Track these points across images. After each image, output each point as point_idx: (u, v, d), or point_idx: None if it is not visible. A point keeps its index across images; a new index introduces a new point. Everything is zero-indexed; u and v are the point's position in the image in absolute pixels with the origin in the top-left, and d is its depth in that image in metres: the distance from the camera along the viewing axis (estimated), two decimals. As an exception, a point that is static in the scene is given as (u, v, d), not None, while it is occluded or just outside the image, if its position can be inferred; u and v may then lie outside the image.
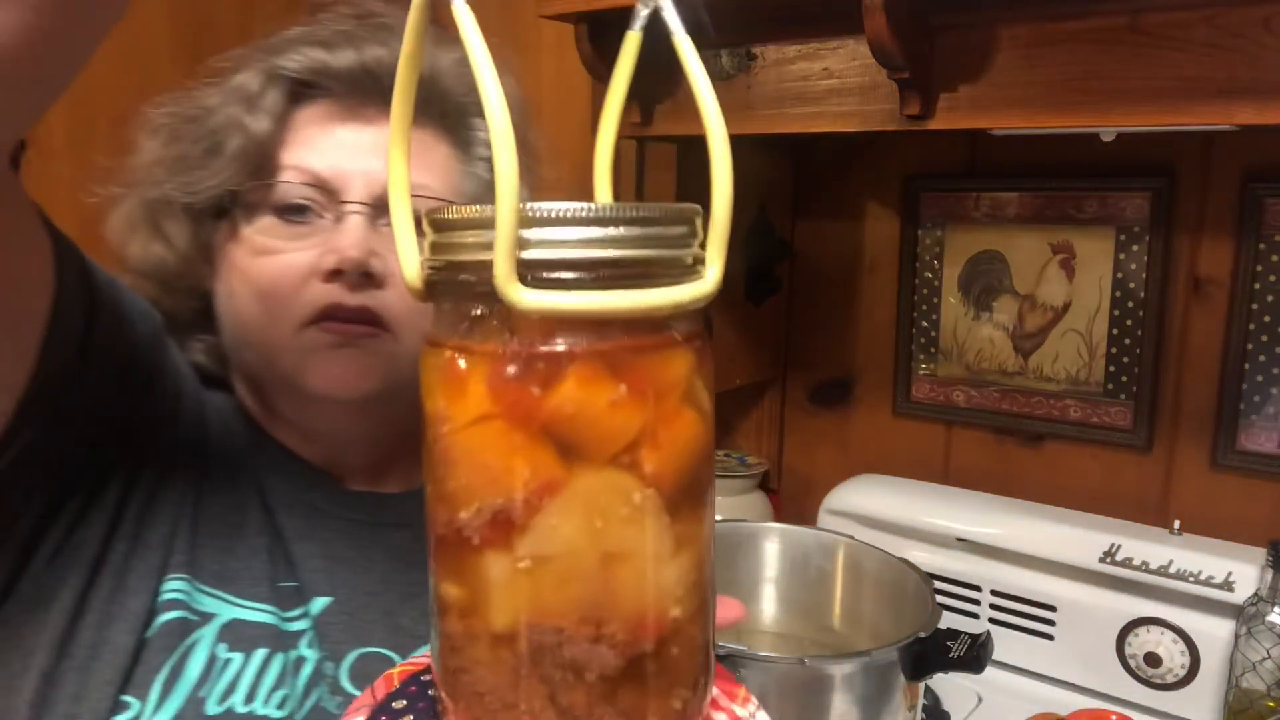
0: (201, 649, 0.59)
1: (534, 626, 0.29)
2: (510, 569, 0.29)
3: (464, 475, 0.30)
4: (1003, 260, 1.31)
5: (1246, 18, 0.79)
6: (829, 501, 1.35)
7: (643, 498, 0.30)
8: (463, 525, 0.30)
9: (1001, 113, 0.91)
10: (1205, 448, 1.20)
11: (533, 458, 0.29)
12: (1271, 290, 1.14)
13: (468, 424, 0.30)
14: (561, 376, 0.29)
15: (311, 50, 0.66)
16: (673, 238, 0.31)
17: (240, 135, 0.64)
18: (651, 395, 0.30)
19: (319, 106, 0.66)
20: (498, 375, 0.29)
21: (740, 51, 1.04)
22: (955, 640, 0.93)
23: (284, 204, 0.64)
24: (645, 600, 0.30)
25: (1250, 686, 1.02)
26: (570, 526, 0.29)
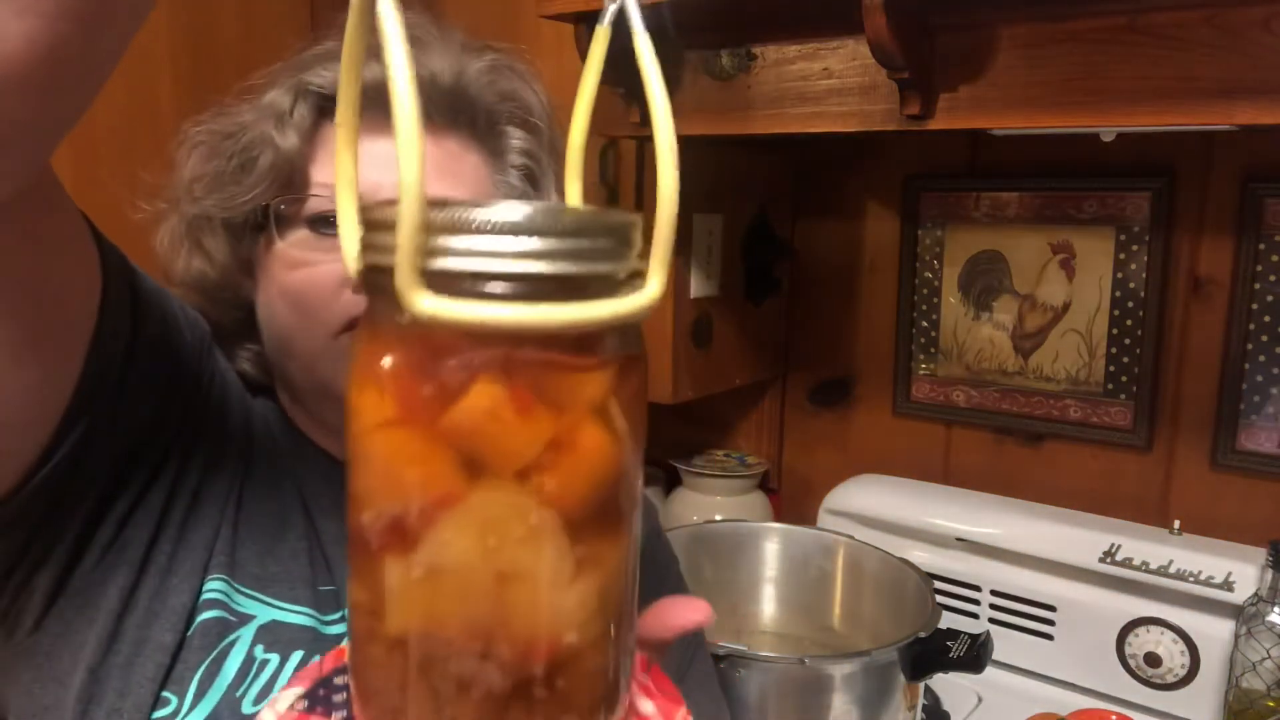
0: (239, 649, 0.60)
1: (424, 636, 0.29)
2: (405, 577, 0.29)
3: (366, 478, 0.29)
4: (1003, 260, 1.31)
5: (1246, 18, 0.79)
6: (829, 501, 1.35)
7: (539, 519, 0.29)
8: (364, 527, 0.29)
9: (1001, 113, 0.91)
10: (1205, 448, 1.20)
11: (430, 469, 0.28)
12: (1271, 290, 1.14)
13: (373, 427, 0.29)
14: (465, 388, 0.28)
15: (338, 66, 0.66)
16: (599, 251, 0.29)
17: (271, 151, 0.65)
18: (558, 414, 0.29)
19: None
20: (402, 381, 0.28)
21: (740, 51, 1.04)
22: (955, 640, 0.93)
23: (315, 216, 0.65)
24: (537, 623, 0.30)
25: (1250, 686, 1.02)
26: (464, 541, 0.28)
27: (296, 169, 0.65)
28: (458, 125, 0.69)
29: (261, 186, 0.65)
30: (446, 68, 0.67)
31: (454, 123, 0.68)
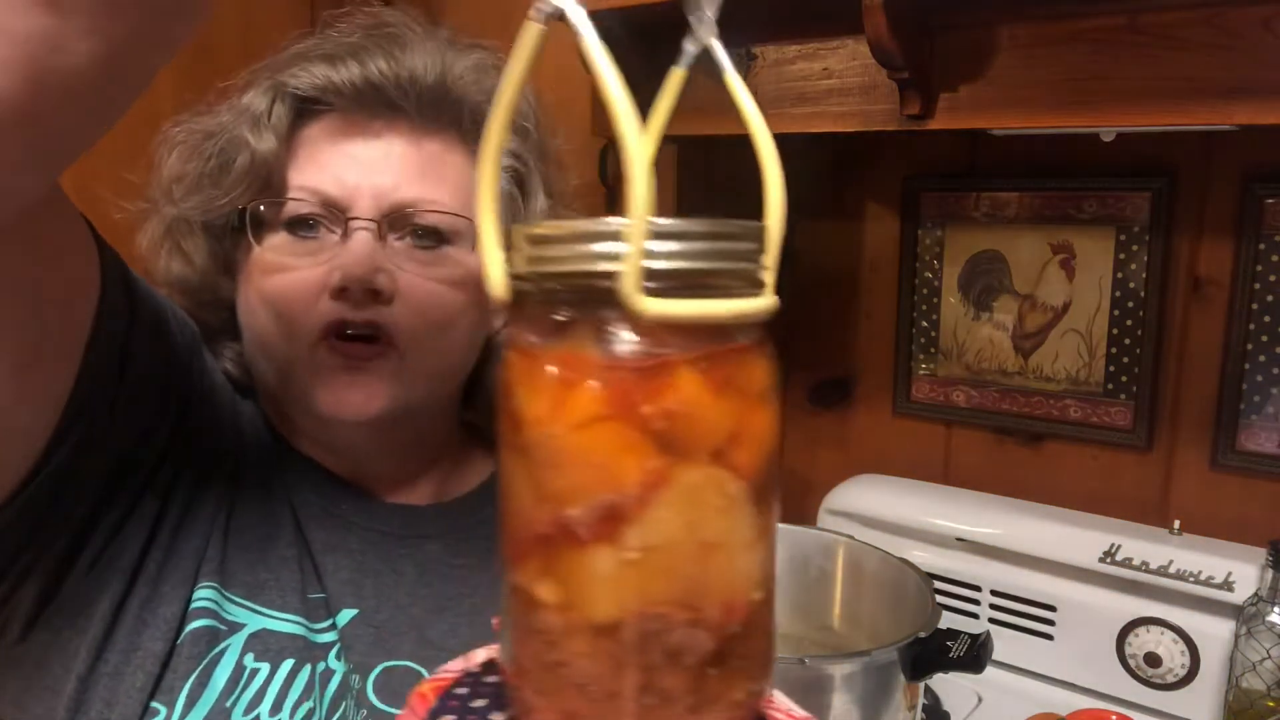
0: (229, 658, 0.60)
1: (639, 615, 0.31)
2: (618, 561, 0.31)
3: (574, 474, 0.31)
4: (1003, 260, 1.31)
5: (1246, 18, 0.79)
6: (829, 501, 1.35)
7: (734, 489, 0.32)
8: (571, 521, 0.31)
9: (1001, 113, 0.91)
10: (1205, 448, 1.20)
11: (642, 455, 0.31)
12: (1271, 290, 1.14)
13: (579, 425, 0.31)
14: (669, 379, 0.31)
15: (316, 66, 0.66)
16: (753, 252, 0.34)
17: (247, 154, 0.64)
18: (741, 395, 0.32)
19: (325, 122, 0.66)
20: (611, 378, 0.31)
21: (740, 51, 1.04)
22: (955, 640, 0.93)
23: (294, 220, 0.64)
24: (735, 585, 0.33)
25: (1250, 686, 1.02)
26: (675, 519, 0.31)
27: (274, 172, 0.65)
28: (441, 125, 0.68)
29: (239, 189, 0.64)
30: (430, 66, 0.67)
31: (436, 122, 0.68)
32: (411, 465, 0.74)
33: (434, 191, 0.66)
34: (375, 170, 0.65)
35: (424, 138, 0.67)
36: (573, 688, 0.32)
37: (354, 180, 0.64)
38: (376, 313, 0.63)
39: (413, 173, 0.66)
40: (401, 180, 0.65)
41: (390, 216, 0.64)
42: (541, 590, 0.32)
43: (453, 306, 0.67)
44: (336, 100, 0.66)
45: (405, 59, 0.66)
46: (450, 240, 0.67)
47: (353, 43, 0.67)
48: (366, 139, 0.66)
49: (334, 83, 0.65)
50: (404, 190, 0.65)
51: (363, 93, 0.65)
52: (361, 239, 0.63)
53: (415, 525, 0.72)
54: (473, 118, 0.70)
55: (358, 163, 0.65)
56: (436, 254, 0.66)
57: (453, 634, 0.69)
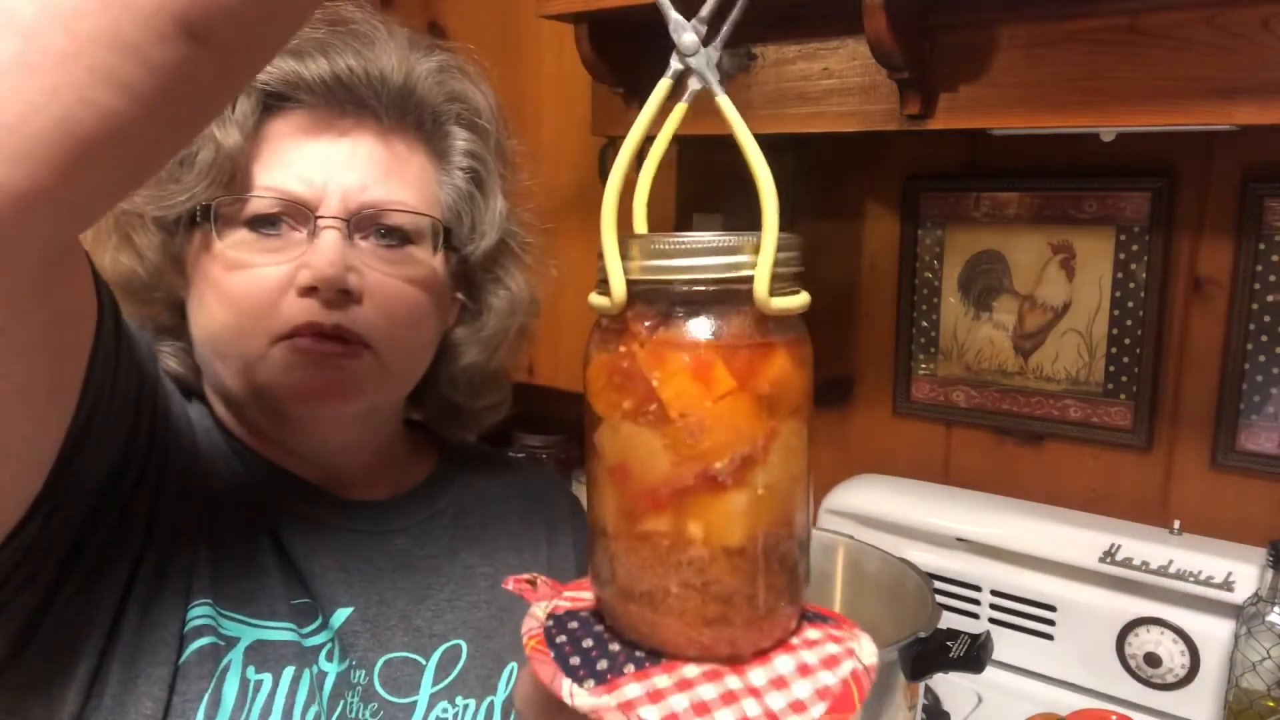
0: (234, 673, 0.59)
1: (766, 534, 0.42)
2: (752, 496, 0.41)
3: (720, 435, 0.40)
4: (1003, 260, 1.31)
5: (1246, 18, 0.79)
6: (829, 501, 1.35)
7: (805, 435, 0.43)
8: (718, 473, 0.40)
9: (1001, 113, 0.91)
10: (1205, 448, 1.20)
11: (762, 417, 0.41)
12: (1271, 290, 1.14)
13: (722, 395, 0.40)
14: (774, 358, 0.41)
15: (283, 60, 0.64)
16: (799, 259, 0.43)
17: (211, 148, 0.62)
18: (805, 367, 0.43)
19: (292, 118, 0.65)
20: (743, 358, 0.40)
21: (740, 51, 1.04)
22: (955, 640, 0.93)
23: (258, 217, 0.63)
24: (804, 505, 0.44)
25: (1250, 686, 1.02)
26: (783, 460, 0.42)
27: (238, 167, 0.63)
28: (405, 125, 0.67)
29: (201, 184, 0.63)
30: (395, 66, 0.66)
31: (402, 122, 0.67)
32: (371, 464, 0.74)
33: (400, 191, 0.66)
34: (343, 168, 0.64)
35: (390, 137, 0.66)
36: (715, 601, 0.41)
37: (321, 178, 0.63)
38: (347, 314, 0.62)
39: (380, 172, 0.65)
40: (370, 179, 0.64)
41: (357, 215, 0.64)
42: (691, 530, 0.41)
43: (419, 305, 0.67)
44: (304, 96, 0.65)
45: (374, 57, 0.65)
46: (414, 240, 0.66)
47: (319, 38, 0.66)
48: (334, 136, 0.65)
49: (302, 78, 0.64)
50: (372, 189, 0.64)
51: (331, 90, 0.64)
52: (330, 238, 0.62)
53: (381, 520, 0.72)
54: (435, 119, 0.69)
55: (325, 160, 0.64)
56: (401, 253, 0.66)
57: (438, 619, 0.70)
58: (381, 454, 0.75)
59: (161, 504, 0.61)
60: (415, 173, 0.68)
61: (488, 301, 0.75)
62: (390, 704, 0.65)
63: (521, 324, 0.77)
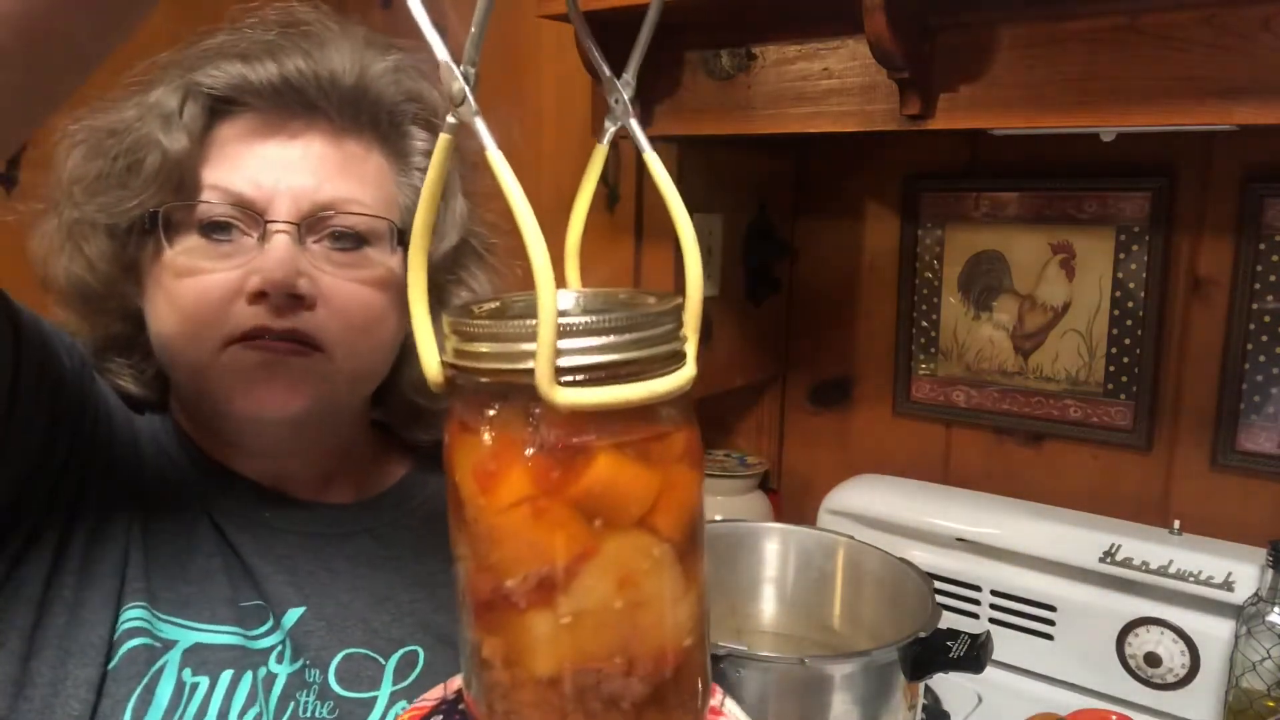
0: (168, 675, 0.59)
1: (576, 670, 0.35)
2: (554, 625, 0.34)
3: (509, 549, 0.34)
4: (1003, 260, 1.31)
5: (1246, 18, 0.79)
6: (829, 501, 1.35)
7: (660, 552, 0.35)
8: (509, 592, 0.34)
9: (1001, 113, 0.91)
10: (1205, 448, 1.20)
11: (569, 530, 0.34)
12: (1271, 290, 1.14)
13: (510, 505, 0.34)
14: (591, 461, 0.34)
15: (230, 65, 0.64)
16: (667, 333, 0.36)
17: (158, 154, 0.62)
18: (662, 465, 0.36)
19: (241, 122, 0.64)
20: (537, 463, 0.34)
21: (740, 51, 1.04)
22: (955, 640, 0.93)
23: (208, 223, 0.62)
24: (665, 636, 0.36)
25: (1250, 686, 1.02)
26: (604, 584, 0.34)
27: (186, 173, 0.62)
28: (359, 126, 0.66)
29: (149, 191, 0.62)
30: (349, 66, 0.65)
31: (355, 123, 0.66)
32: (329, 466, 0.73)
33: (354, 191, 0.65)
34: (294, 171, 0.63)
35: (343, 138, 0.66)
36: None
37: (271, 181, 0.62)
38: (298, 319, 0.61)
39: (333, 172, 0.64)
40: (322, 181, 0.63)
41: (309, 219, 0.63)
42: (489, 649, 0.36)
43: (376, 308, 0.66)
44: (252, 100, 0.64)
45: (324, 58, 0.64)
46: (369, 241, 0.65)
47: (269, 40, 0.65)
48: (284, 139, 0.64)
49: (250, 82, 0.63)
50: (324, 191, 0.63)
51: (280, 92, 0.64)
52: (280, 242, 0.61)
53: (340, 523, 0.71)
54: (391, 119, 0.68)
55: (275, 163, 0.63)
56: (356, 255, 0.65)
57: (396, 623, 0.69)
58: (343, 457, 0.74)
59: (84, 510, 0.60)
60: (371, 173, 0.67)
61: (449, 303, 0.73)
62: (347, 700, 0.64)
63: None
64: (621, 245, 1.29)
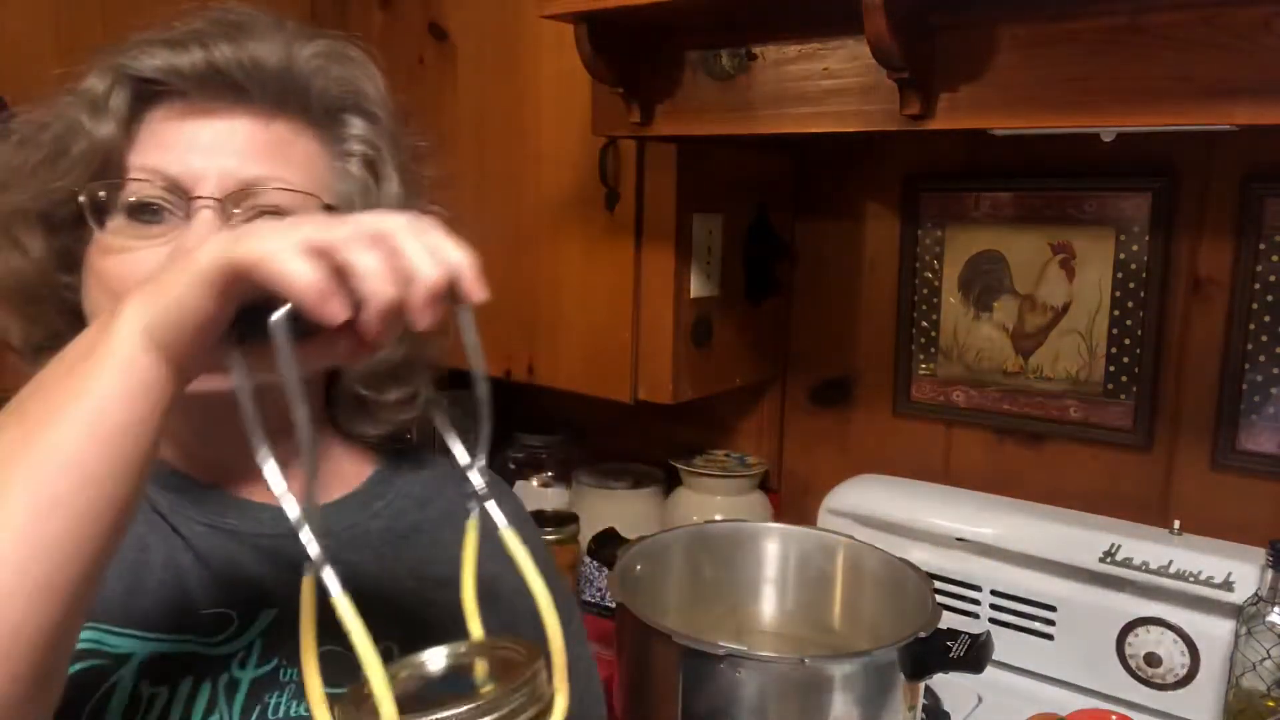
0: (121, 690, 0.58)
1: None
2: None
3: None
4: (1003, 260, 1.31)
5: (1246, 18, 0.79)
6: (829, 501, 1.35)
7: None
8: None
9: (1001, 113, 0.91)
10: (1205, 448, 1.20)
11: None
12: (1271, 290, 1.14)
13: None
14: None
15: (158, 50, 0.64)
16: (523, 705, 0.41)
17: (84, 139, 0.62)
18: None
19: (169, 107, 0.65)
20: None
21: (740, 51, 1.04)
22: (955, 640, 0.93)
23: (135, 204, 0.63)
24: None
25: (1250, 686, 1.02)
26: None
27: (112, 157, 0.63)
28: (287, 109, 0.67)
29: (74, 175, 0.63)
30: (273, 51, 0.66)
31: (282, 106, 0.66)
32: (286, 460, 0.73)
33: (280, 171, 0.65)
34: (220, 151, 0.64)
35: (271, 120, 0.66)
36: None
37: (199, 160, 0.63)
38: None
39: (259, 152, 0.65)
40: (247, 159, 0.64)
41: (235, 195, 0.63)
42: None
43: None
44: (179, 84, 0.64)
45: (250, 44, 0.65)
46: None
47: (197, 29, 0.66)
48: (210, 120, 0.64)
49: (176, 66, 0.63)
50: (250, 168, 0.64)
51: (206, 77, 0.64)
52: (204, 218, 0.61)
53: None
54: (321, 103, 0.68)
55: (202, 144, 0.64)
56: None
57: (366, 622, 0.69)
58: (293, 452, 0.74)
59: None
60: (298, 155, 0.67)
61: None
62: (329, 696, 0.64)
63: None
64: (621, 245, 1.29)
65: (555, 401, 1.53)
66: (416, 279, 0.44)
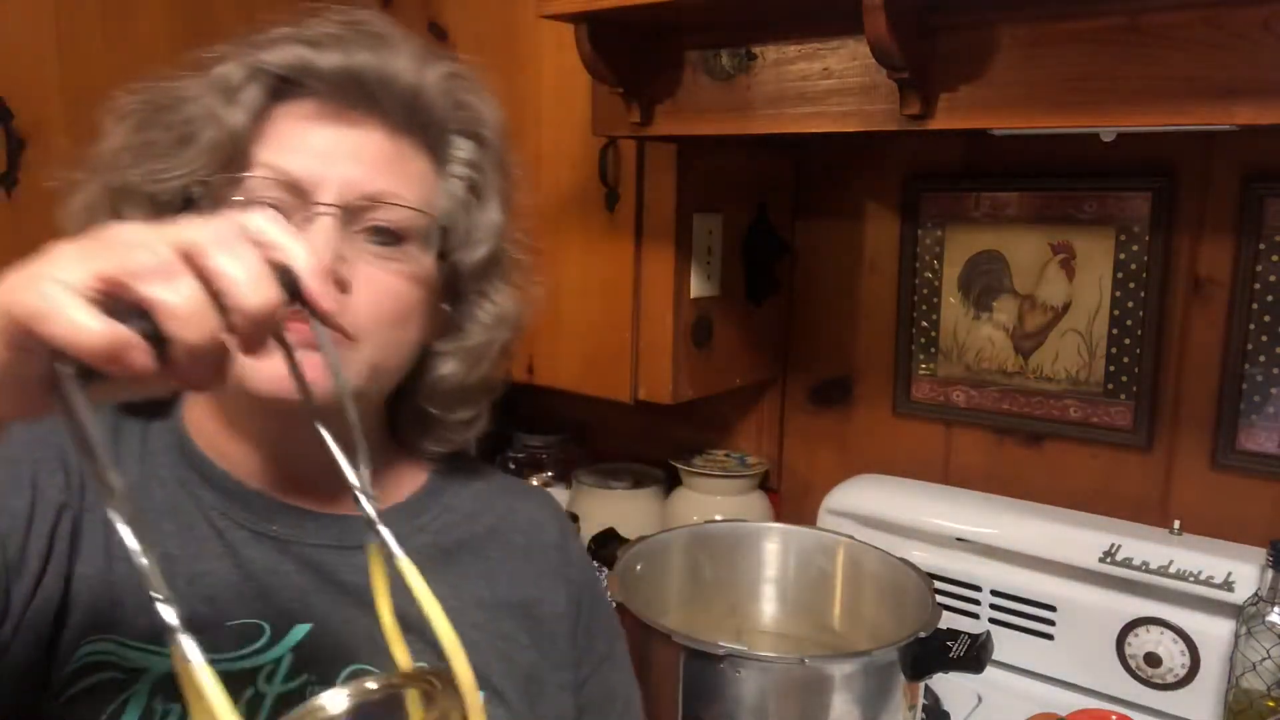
0: (135, 705, 0.58)
1: None
2: None
3: None
4: (1003, 260, 1.31)
5: (1246, 18, 0.79)
6: (829, 501, 1.35)
7: None
8: None
9: (1001, 113, 0.91)
10: (1205, 448, 1.20)
11: None
12: (1271, 290, 1.14)
13: None
14: None
15: (297, 48, 0.64)
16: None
17: (214, 127, 0.62)
18: None
19: (300, 105, 0.65)
20: None
21: (740, 51, 1.04)
22: (955, 640, 0.93)
23: (253, 201, 0.62)
24: None
25: (1250, 686, 1.02)
26: None
27: (239, 148, 0.63)
28: (411, 128, 0.67)
29: (199, 162, 0.62)
30: (408, 68, 0.66)
31: (408, 122, 0.67)
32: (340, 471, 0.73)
33: (400, 187, 0.65)
34: (346, 159, 0.64)
35: (396, 135, 0.66)
36: None
37: (322, 166, 0.63)
38: None
39: (383, 166, 0.65)
40: (371, 172, 0.64)
41: (355, 206, 0.63)
42: None
43: (406, 304, 0.66)
44: (314, 84, 0.64)
45: (388, 56, 0.65)
46: (408, 238, 0.66)
47: (334, 32, 0.66)
48: (342, 126, 0.65)
49: (315, 66, 0.64)
50: (373, 181, 0.64)
51: (342, 81, 0.64)
52: (324, 224, 0.61)
53: (351, 536, 0.69)
54: (440, 124, 0.69)
55: (328, 149, 0.64)
56: (395, 250, 0.65)
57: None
58: None
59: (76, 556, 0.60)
60: (416, 173, 0.68)
61: (473, 314, 0.74)
62: None
63: (505, 340, 0.76)
64: (621, 245, 1.29)
65: (555, 401, 1.53)
66: (233, 307, 0.39)
